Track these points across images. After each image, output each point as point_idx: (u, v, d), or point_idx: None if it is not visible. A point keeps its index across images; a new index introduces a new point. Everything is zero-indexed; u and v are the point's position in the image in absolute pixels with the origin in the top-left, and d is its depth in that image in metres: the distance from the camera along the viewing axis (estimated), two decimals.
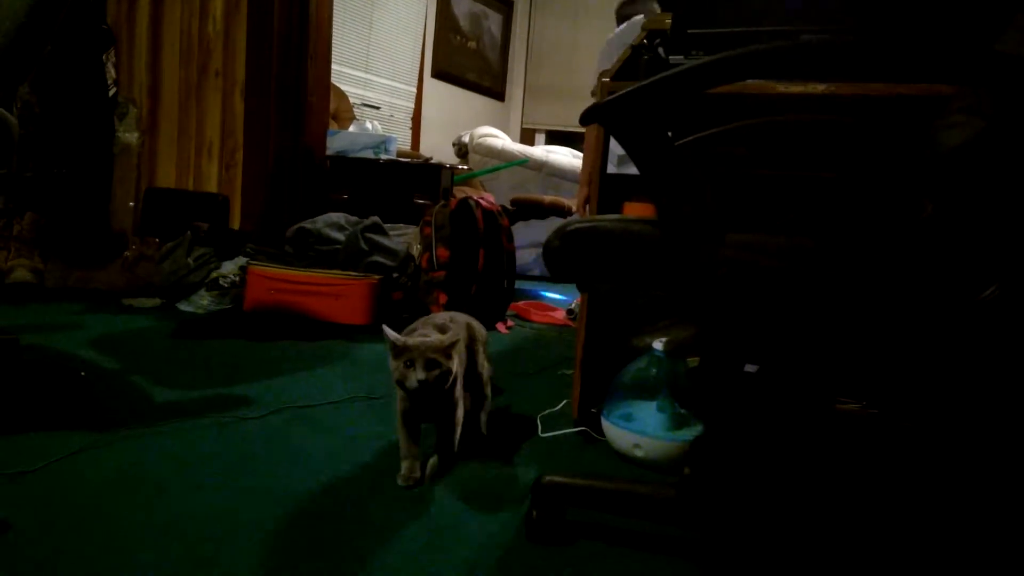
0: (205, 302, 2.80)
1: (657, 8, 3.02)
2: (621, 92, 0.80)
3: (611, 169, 1.68)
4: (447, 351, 1.28)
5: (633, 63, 1.59)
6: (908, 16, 1.33)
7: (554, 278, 1.01)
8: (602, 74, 3.14)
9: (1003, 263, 0.83)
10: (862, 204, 1.24)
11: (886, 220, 1.20)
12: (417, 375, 1.23)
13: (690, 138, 1.07)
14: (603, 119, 0.87)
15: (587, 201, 2.85)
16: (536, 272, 4.38)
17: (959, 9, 1.30)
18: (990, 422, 1.24)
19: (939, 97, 1.13)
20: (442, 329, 1.39)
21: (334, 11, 3.56)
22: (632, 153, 0.86)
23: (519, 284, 3.20)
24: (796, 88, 1.30)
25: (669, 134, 0.88)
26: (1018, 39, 1.13)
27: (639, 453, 1.49)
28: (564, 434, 1.65)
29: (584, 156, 3.01)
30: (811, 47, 0.80)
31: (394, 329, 1.31)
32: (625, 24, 3.03)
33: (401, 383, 1.26)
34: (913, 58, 0.81)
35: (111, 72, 3.43)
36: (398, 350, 1.27)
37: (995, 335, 0.84)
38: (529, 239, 4.29)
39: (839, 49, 0.81)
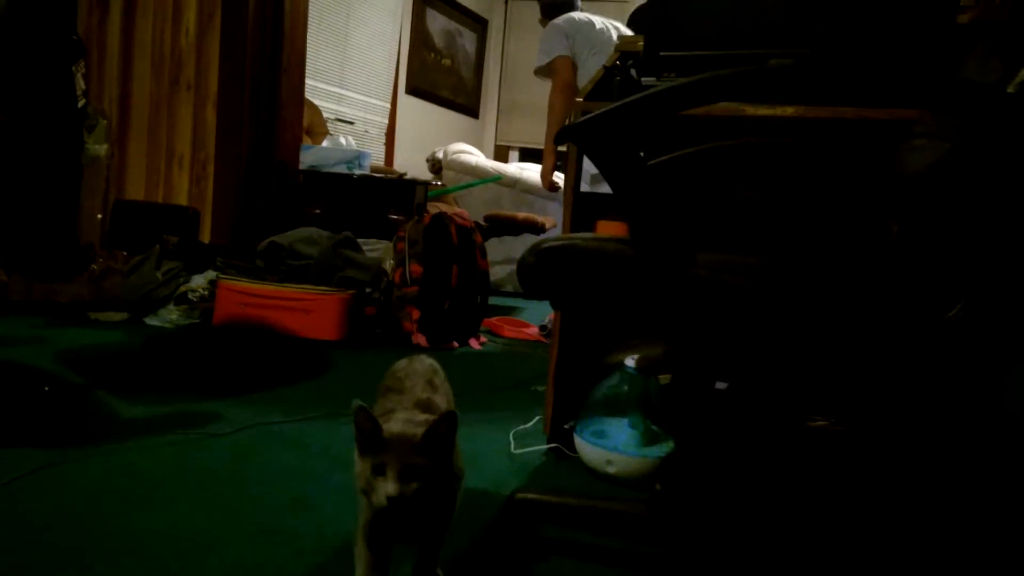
0: (174, 316, 2.76)
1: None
2: (594, 114, 0.81)
3: (584, 188, 1.70)
4: (431, 444, 0.86)
5: (607, 83, 1.61)
6: (874, 41, 1.36)
7: (528, 295, 1.02)
8: (545, 69, 3.22)
9: (967, 283, 0.85)
10: (830, 225, 1.26)
11: (854, 241, 1.22)
12: (387, 488, 0.84)
13: (662, 158, 1.09)
14: (577, 139, 0.88)
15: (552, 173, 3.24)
16: (509, 288, 4.39)
17: (922, 37, 1.34)
18: (954, 437, 1.26)
19: (905, 121, 1.16)
20: (427, 406, 1.00)
21: (309, 25, 3.56)
22: (605, 173, 0.88)
23: (492, 300, 3.21)
24: (765, 111, 1.33)
25: (641, 154, 0.90)
26: (978, 67, 1.17)
27: (611, 470, 1.50)
28: (537, 450, 1.65)
29: (548, 125, 3.20)
30: (776, 71, 0.82)
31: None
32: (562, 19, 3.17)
33: (367, 494, 0.87)
34: (877, 83, 0.83)
35: (80, 83, 3.38)
36: (365, 443, 0.87)
37: (960, 353, 0.86)
38: (502, 255, 4.30)
39: (803, 74, 0.83)
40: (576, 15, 3.16)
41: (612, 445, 1.51)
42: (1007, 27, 1.30)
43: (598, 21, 3.14)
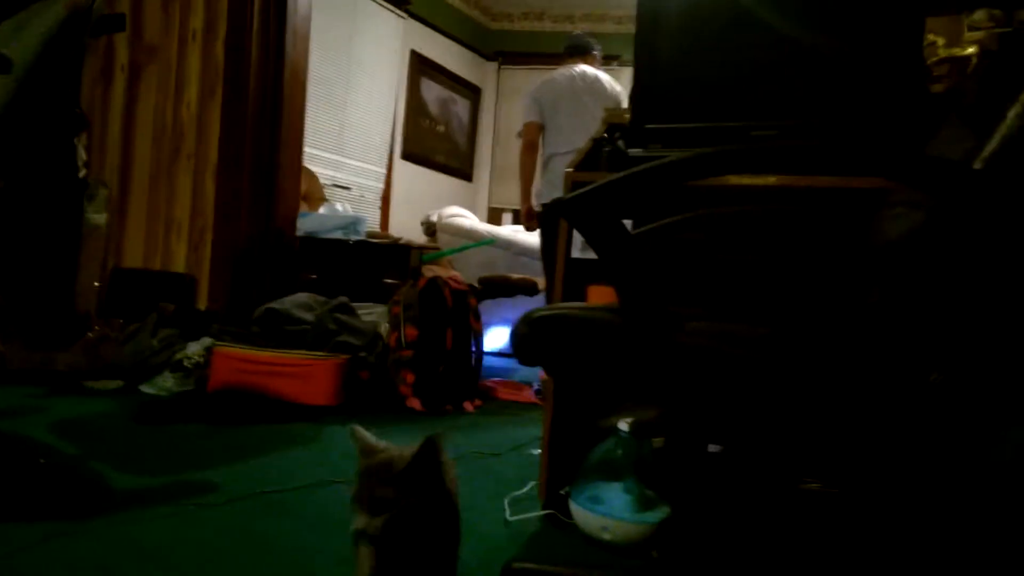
0: (168, 384, 2.76)
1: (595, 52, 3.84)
2: (579, 191, 0.85)
3: (575, 253, 1.74)
4: (408, 476, 0.83)
5: (595, 154, 1.66)
6: (849, 114, 1.42)
7: (522, 363, 1.04)
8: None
9: (945, 349, 0.88)
10: (814, 291, 1.29)
11: (836, 305, 1.25)
12: (356, 521, 0.81)
13: (646, 228, 1.13)
14: (565, 214, 0.92)
15: (528, 214, 3.82)
16: (503, 349, 4.39)
17: (896, 108, 1.40)
18: (940, 499, 1.27)
19: (884, 190, 1.20)
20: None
21: (308, 94, 3.66)
22: (592, 243, 0.91)
23: (486, 362, 3.22)
24: (747, 180, 1.38)
25: (628, 224, 0.93)
26: (951, 137, 1.22)
27: (607, 536, 1.49)
28: (532, 517, 1.65)
29: (520, 177, 3.82)
30: (758, 150, 0.87)
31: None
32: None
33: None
34: (850, 157, 0.87)
35: (82, 155, 3.46)
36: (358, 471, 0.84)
37: (942, 418, 0.88)
38: (497, 316, 4.32)
39: (785, 151, 0.88)
40: (556, 74, 3.74)
41: (607, 511, 1.51)
42: (977, 99, 1.36)
43: (579, 72, 3.68)
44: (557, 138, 3.60)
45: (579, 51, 3.84)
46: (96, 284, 3.27)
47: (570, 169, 1.63)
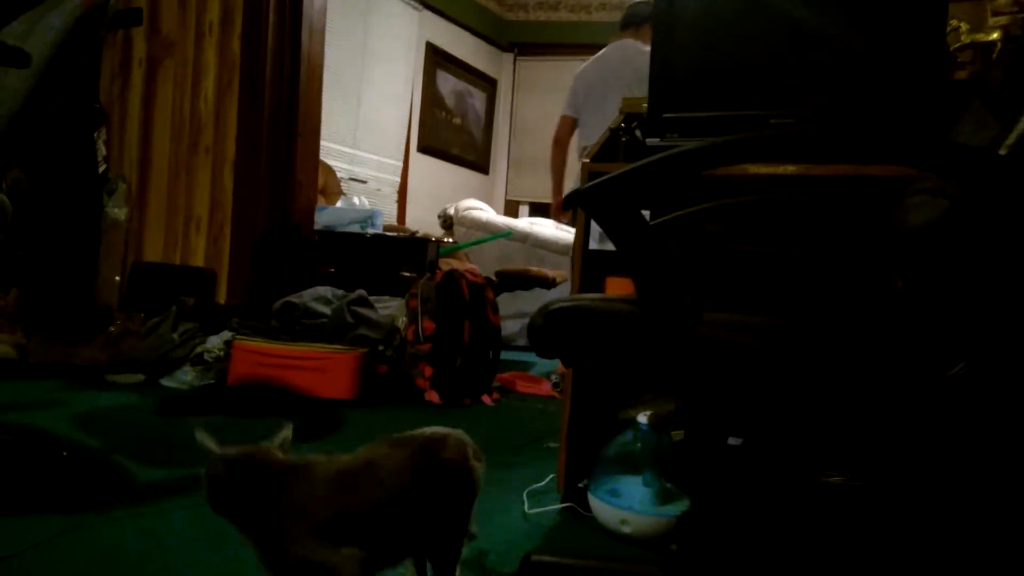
0: (189, 377, 2.78)
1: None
2: (597, 180, 0.84)
3: (593, 245, 1.73)
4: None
5: (612, 144, 1.65)
6: (869, 100, 1.39)
7: (540, 355, 1.03)
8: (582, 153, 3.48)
9: (970, 339, 0.86)
10: (835, 281, 1.28)
11: (858, 296, 1.23)
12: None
13: (664, 218, 1.11)
14: (583, 204, 0.91)
15: (559, 208, 3.77)
16: (521, 343, 4.39)
17: (918, 93, 1.38)
18: (963, 491, 1.25)
19: (906, 178, 1.18)
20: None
21: (324, 88, 3.66)
22: (610, 234, 0.90)
23: (504, 355, 3.22)
24: (767, 169, 1.36)
25: (646, 213, 0.92)
26: (974, 124, 1.20)
27: (627, 529, 1.49)
28: (551, 510, 1.64)
29: (551, 165, 3.77)
30: (778, 137, 0.85)
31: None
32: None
33: None
34: (871, 145, 0.86)
35: (102, 149, 3.49)
36: None
37: (964, 410, 0.86)
38: (514, 309, 4.32)
39: (804, 139, 0.86)
40: (596, 57, 3.55)
41: (627, 504, 1.50)
42: (1002, 84, 1.33)
43: (619, 50, 3.47)
44: (588, 130, 3.46)
45: (631, 22, 3.52)
46: (117, 278, 3.31)
47: (587, 160, 1.62)
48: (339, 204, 4.07)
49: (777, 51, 1.47)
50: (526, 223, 4.94)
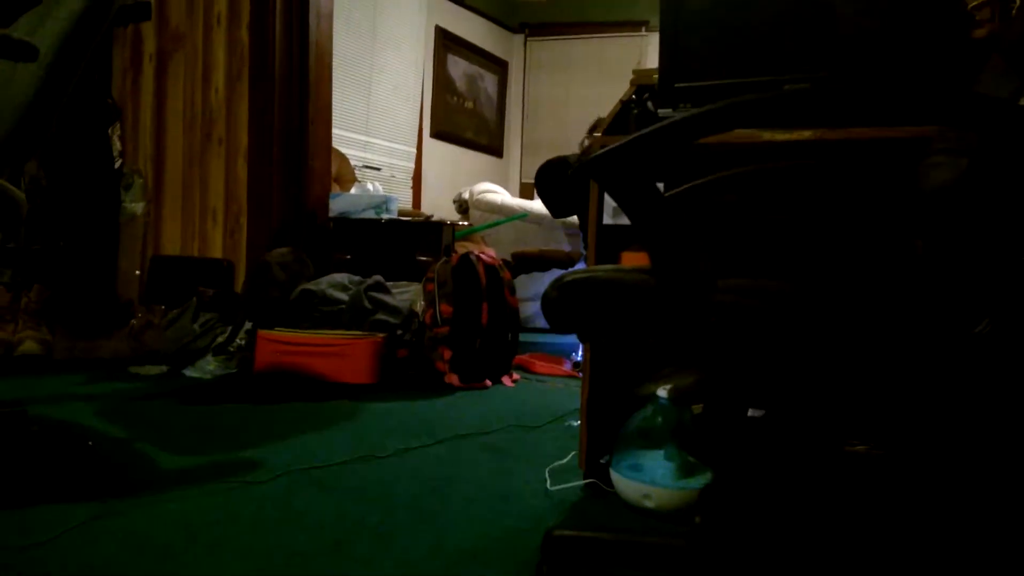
0: (212, 367, 2.81)
1: None
2: (608, 148, 0.83)
3: (607, 220, 1.71)
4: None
5: (624, 117, 1.63)
6: (886, 60, 1.37)
7: (554, 329, 1.02)
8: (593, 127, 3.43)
9: (993, 297, 0.84)
10: (855, 244, 1.26)
11: (879, 259, 1.21)
12: None
13: (680, 188, 1.10)
14: (593, 173, 0.90)
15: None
16: (539, 324, 4.39)
17: (937, 52, 1.34)
18: (988, 455, 1.23)
19: (924, 139, 1.16)
20: None
21: (334, 76, 3.66)
22: (623, 205, 0.89)
23: (523, 336, 3.21)
24: (782, 136, 1.34)
25: (660, 184, 0.91)
26: (993, 79, 1.17)
27: (649, 503, 1.48)
28: (573, 487, 1.64)
29: None
30: (791, 96, 0.83)
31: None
32: None
33: None
34: (891, 102, 0.83)
35: (116, 144, 3.52)
36: None
37: (990, 369, 0.85)
38: (531, 291, 4.31)
39: (819, 97, 0.84)
40: None
41: (649, 478, 1.50)
42: (1021, 37, 1.29)
43: None
44: None
45: None
46: (137, 272, 3.34)
47: (598, 133, 1.60)
48: (353, 191, 4.07)
49: (791, 15, 1.44)
50: (541, 204, 4.93)
